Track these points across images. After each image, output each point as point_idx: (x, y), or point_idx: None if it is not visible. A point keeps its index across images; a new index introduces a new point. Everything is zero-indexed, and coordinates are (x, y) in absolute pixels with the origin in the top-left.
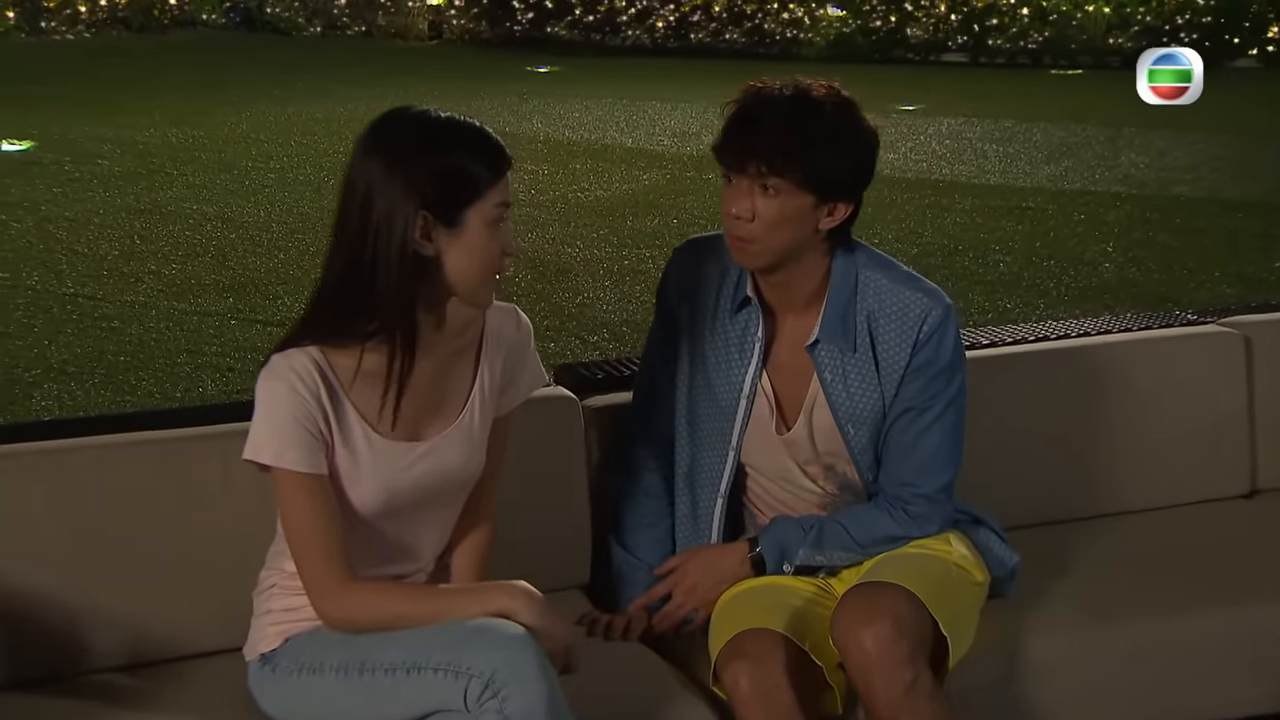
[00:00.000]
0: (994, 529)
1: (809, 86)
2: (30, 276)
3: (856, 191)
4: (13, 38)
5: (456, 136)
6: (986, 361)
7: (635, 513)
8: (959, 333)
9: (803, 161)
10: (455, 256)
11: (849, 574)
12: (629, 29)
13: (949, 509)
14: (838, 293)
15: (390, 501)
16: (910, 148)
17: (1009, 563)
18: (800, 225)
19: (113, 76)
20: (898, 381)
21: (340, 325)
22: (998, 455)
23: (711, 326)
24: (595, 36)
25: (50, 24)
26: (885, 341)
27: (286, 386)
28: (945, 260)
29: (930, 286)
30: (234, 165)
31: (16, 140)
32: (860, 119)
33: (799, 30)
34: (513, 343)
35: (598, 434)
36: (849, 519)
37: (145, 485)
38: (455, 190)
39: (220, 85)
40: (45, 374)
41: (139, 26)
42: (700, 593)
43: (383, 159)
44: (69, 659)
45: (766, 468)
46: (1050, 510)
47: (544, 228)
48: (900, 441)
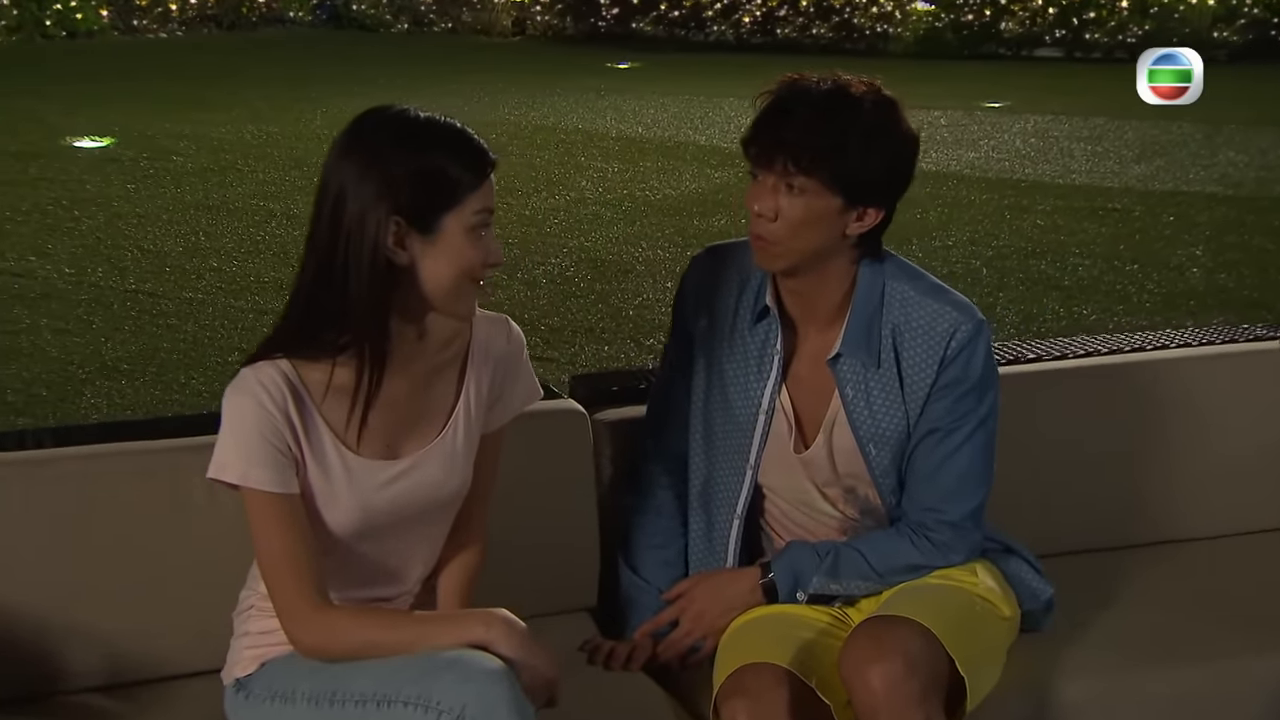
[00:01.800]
0: (1027, 559)
1: (848, 83)
2: (95, 273)
3: (890, 197)
4: (107, 36)
5: (435, 136)
6: (1031, 377)
7: (645, 532)
8: (991, 349)
9: (832, 161)
10: (431, 265)
11: (868, 604)
12: (714, 24)
13: (976, 537)
14: (862, 304)
15: (366, 521)
16: (992, 146)
17: (1043, 595)
18: (826, 228)
19: (197, 73)
20: (923, 400)
21: (310, 337)
22: (1040, 477)
23: (729, 338)
24: (679, 32)
25: (143, 22)
26: (910, 357)
27: (253, 401)
28: (1021, 263)
29: (960, 299)
30: (305, 162)
31: (99, 137)
32: (899, 120)
33: (888, 25)
34: (503, 355)
35: (609, 449)
36: (868, 546)
37: (126, 498)
38: (431, 194)
39: (301, 81)
40: (98, 372)
41: (229, 24)
42: (707, 620)
43: (358, 158)
44: (45, 678)
45: (783, 489)
46: (1096, 537)
47: (608, 226)
48: (925, 464)
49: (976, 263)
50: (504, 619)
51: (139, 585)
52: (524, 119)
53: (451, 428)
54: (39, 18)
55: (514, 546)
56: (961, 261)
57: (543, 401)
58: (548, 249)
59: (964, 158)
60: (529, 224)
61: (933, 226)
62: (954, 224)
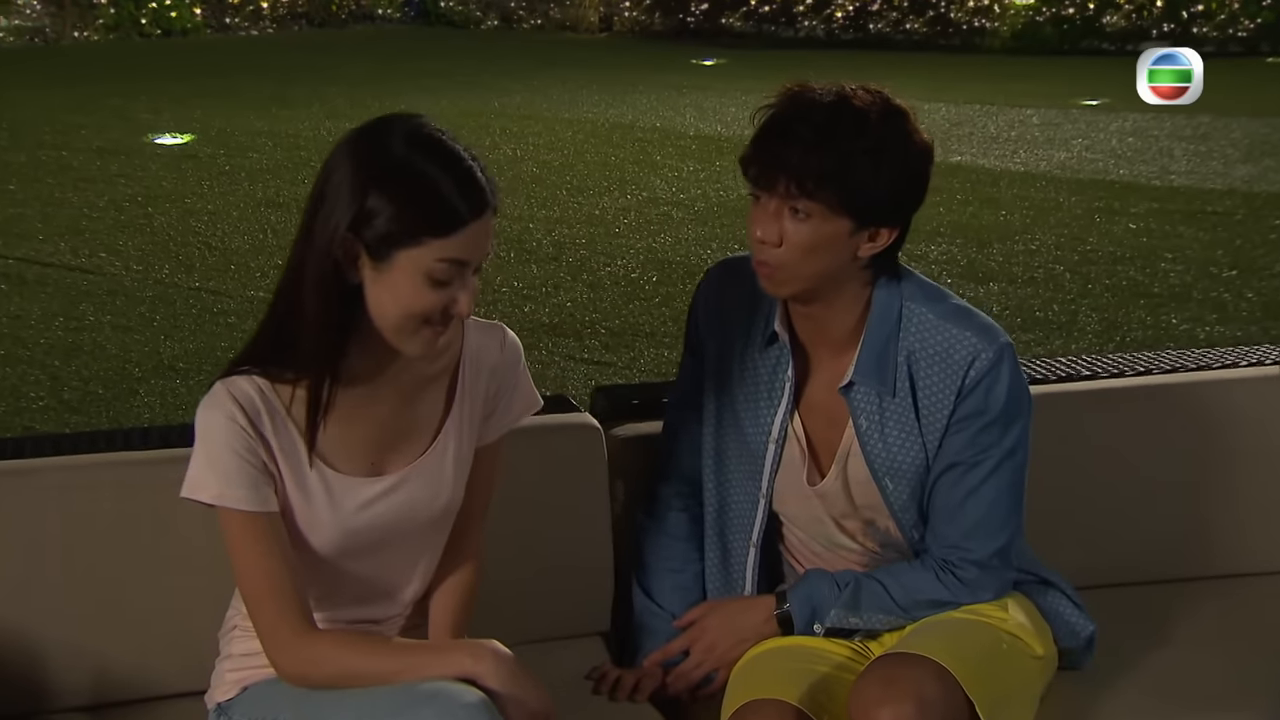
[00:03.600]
0: (1066, 592)
1: (851, 94)
2: (161, 270)
3: (902, 214)
4: (201, 34)
5: (429, 162)
6: (1081, 397)
7: (660, 556)
8: (1018, 376)
9: (838, 182)
10: (375, 295)
11: (890, 637)
12: (805, 19)
13: (1005, 576)
14: (877, 328)
15: (349, 540)
16: (1085, 146)
17: (1083, 632)
18: (835, 252)
19: (283, 70)
20: (941, 432)
21: (279, 350)
22: (1088, 503)
23: (740, 360)
24: (769, 28)
25: (235, 20)
26: (927, 385)
27: (225, 416)
28: (1108, 269)
29: (983, 323)
30: None
31: (179, 133)
32: (909, 132)
33: (985, 19)
34: (497, 365)
35: (625, 467)
36: (890, 578)
37: (111, 511)
38: (391, 223)
39: (382, 78)
40: (154, 370)
41: (319, 21)
42: (719, 651)
43: (349, 162)
44: (29, 697)
45: (799, 519)
46: (1148, 568)
47: (679, 227)
48: (947, 500)
49: (1060, 268)
50: (493, 650)
51: (124, 602)
52: (602, 116)
53: (441, 443)
54: (136, 17)
55: (524, 568)
56: (1044, 267)
57: (556, 415)
58: (614, 249)
59: (1055, 158)
60: (597, 224)
61: (1016, 229)
62: (1039, 227)
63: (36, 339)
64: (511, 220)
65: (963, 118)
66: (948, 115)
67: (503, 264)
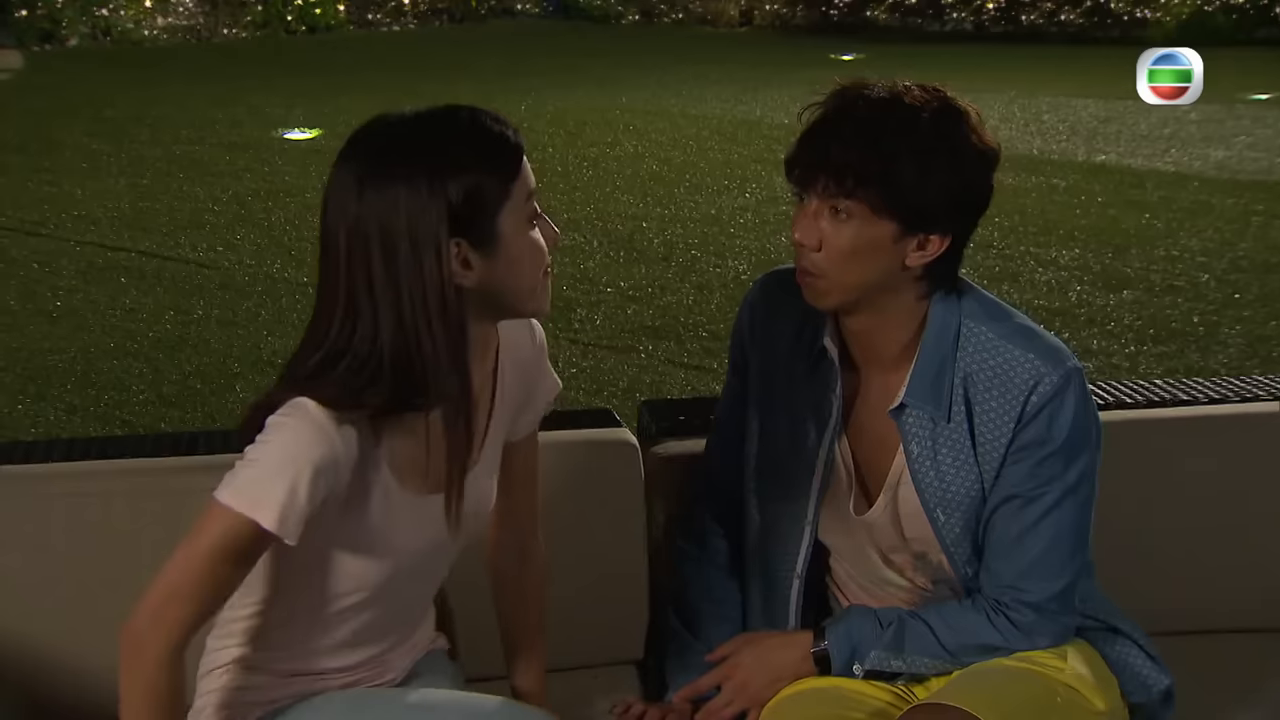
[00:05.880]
0: (1138, 641)
1: (904, 91)
2: (273, 265)
3: (956, 222)
4: (344, 31)
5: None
6: (1171, 424)
7: (697, 584)
8: (1086, 404)
9: (880, 182)
10: (500, 276)
11: (938, 682)
12: (953, 12)
13: (1064, 621)
14: (932, 347)
15: (413, 561)
16: (1248, 144)
17: (1157, 686)
18: (879, 259)
19: (419, 65)
20: (999, 461)
21: (406, 396)
22: (1170, 541)
23: (786, 378)
24: (915, 21)
25: (377, 16)
26: (985, 411)
27: (324, 444)
28: (1258, 278)
29: (1049, 345)
30: None
31: (307, 129)
32: (967, 133)
33: (1147, 9)
34: (530, 358)
35: (665, 486)
36: (938, 618)
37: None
38: (483, 195)
39: (515, 73)
40: (253, 366)
41: (460, 17)
42: (752, 690)
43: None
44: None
45: (845, 551)
46: (1239, 616)
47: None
48: (1003, 536)
49: (1204, 276)
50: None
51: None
52: (729, 113)
53: (488, 449)
54: (283, 14)
55: (554, 591)
56: (1185, 274)
57: (592, 430)
58: (727, 250)
59: (1212, 157)
60: (712, 223)
61: (1159, 234)
62: (1185, 231)
63: (145, 332)
64: (624, 219)
65: (1112, 114)
66: (1095, 112)
67: (610, 264)
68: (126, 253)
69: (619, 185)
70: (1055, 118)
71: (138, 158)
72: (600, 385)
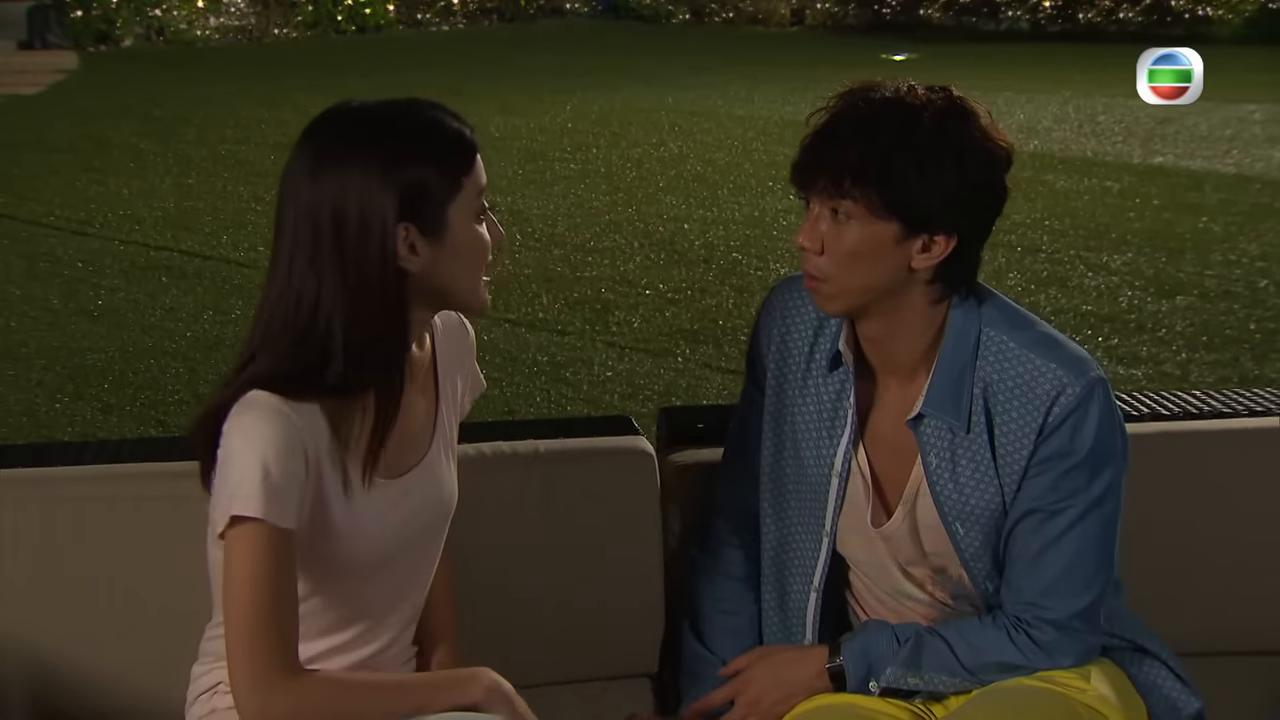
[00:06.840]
0: (1167, 662)
1: (908, 90)
2: None
3: (963, 222)
4: (393, 30)
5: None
6: (1204, 436)
7: (712, 596)
8: (1111, 415)
9: (879, 181)
10: (444, 266)
11: (956, 700)
12: (1008, 10)
13: (1088, 640)
14: (951, 355)
15: (385, 549)
16: None
17: (1186, 709)
18: (883, 261)
19: (464, 65)
20: (1020, 474)
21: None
22: (1202, 557)
23: (802, 385)
24: (969, 20)
25: (426, 16)
26: (1005, 422)
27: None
28: None
29: (1072, 355)
30: (541, 155)
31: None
32: (970, 133)
33: (1209, 7)
34: (463, 349)
35: (680, 496)
36: (956, 635)
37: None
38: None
39: (561, 73)
40: None
41: (509, 16)
42: (765, 706)
43: (355, 169)
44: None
45: (864, 564)
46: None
47: None
48: (1024, 550)
49: (1264, 282)
50: (491, 681)
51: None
52: (776, 113)
53: (438, 436)
54: (333, 14)
55: (568, 602)
56: (1243, 279)
57: (607, 438)
58: (768, 252)
59: (1275, 158)
60: (755, 225)
61: (1217, 238)
62: (1244, 235)
63: (184, 331)
64: (665, 220)
65: (1170, 115)
66: (1153, 113)
67: (650, 266)
68: (169, 252)
69: (662, 186)
70: (1111, 119)
71: (184, 157)
72: (635, 389)
